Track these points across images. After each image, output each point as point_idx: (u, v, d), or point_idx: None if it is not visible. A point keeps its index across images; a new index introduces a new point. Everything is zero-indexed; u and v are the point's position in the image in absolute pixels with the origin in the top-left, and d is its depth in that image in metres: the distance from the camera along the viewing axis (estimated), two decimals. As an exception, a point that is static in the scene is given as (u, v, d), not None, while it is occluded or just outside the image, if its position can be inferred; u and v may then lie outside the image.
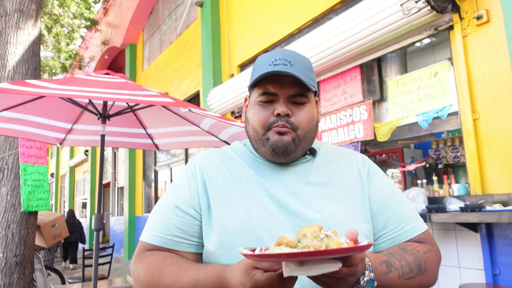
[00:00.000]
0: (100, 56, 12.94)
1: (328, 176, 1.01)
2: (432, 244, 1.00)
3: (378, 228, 0.97)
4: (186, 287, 0.84)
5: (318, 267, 0.66)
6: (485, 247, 3.11)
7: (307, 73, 0.96)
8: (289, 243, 0.67)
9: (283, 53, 0.97)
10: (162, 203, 1.00)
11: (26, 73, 4.73)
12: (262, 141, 0.97)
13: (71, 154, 17.98)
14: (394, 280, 0.85)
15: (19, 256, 4.29)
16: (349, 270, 0.71)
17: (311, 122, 0.98)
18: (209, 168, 1.02)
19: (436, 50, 4.13)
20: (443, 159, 5.66)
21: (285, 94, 0.95)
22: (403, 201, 1.02)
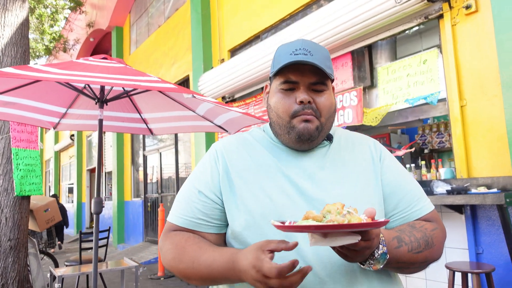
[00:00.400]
0: (85, 38, 12.68)
1: (343, 160, 1.07)
2: (438, 222, 1.07)
3: (390, 208, 1.04)
4: (203, 265, 0.92)
5: (340, 239, 0.75)
6: (469, 228, 3.28)
7: (325, 62, 1.01)
8: (316, 217, 0.76)
9: (303, 43, 1.02)
10: (187, 187, 1.07)
11: (15, 56, 4.67)
12: (287, 128, 1.02)
13: (56, 139, 17.72)
14: (404, 253, 0.93)
15: (13, 240, 4.31)
16: (366, 244, 0.80)
17: (331, 108, 1.04)
18: (230, 154, 1.07)
19: (423, 38, 4.23)
20: (428, 144, 5.83)
21: (305, 82, 1.00)
22: (412, 183, 1.09)
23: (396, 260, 0.92)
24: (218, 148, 1.10)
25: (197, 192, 1.03)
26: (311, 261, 0.91)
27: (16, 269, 4.32)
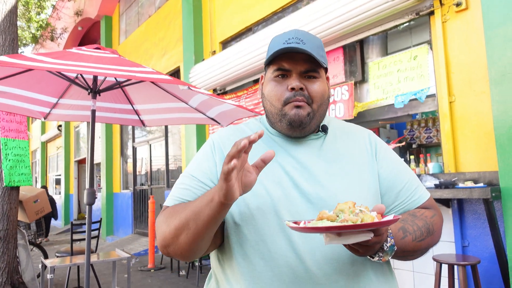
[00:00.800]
0: (73, 27, 12.47)
1: (338, 153, 1.08)
2: (435, 208, 1.12)
3: (390, 200, 1.07)
4: (189, 211, 0.91)
5: (353, 237, 0.79)
6: (456, 221, 3.37)
7: (318, 51, 1.03)
8: (329, 217, 0.79)
9: (296, 32, 1.04)
10: (183, 175, 1.08)
11: (4, 44, 4.59)
12: (279, 116, 1.04)
13: (43, 129, 17.46)
14: (409, 243, 0.97)
15: (2, 231, 4.28)
16: (377, 239, 0.83)
17: (323, 95, 1.06)
18: (227, 145, 1.08)
19: (414, 33, 4.29)
20: (417, 139, 5.92)
21: (297, 69, 1.02)
22: (409, 172, 1.12)
23: (402, 249, 0.95)
24: (215, 139, 1.11)
25: (190, 176, 1.05)
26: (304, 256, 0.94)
27: (6, 260, 4.29)
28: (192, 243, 0.92)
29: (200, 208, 0.88)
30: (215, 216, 0.86)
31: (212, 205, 0.84)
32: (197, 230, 0.89)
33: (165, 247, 0.97)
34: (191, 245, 0.92)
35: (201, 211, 0.87)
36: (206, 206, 0.86)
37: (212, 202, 0.84)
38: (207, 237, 0.93)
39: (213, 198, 0.84)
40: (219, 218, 0.88)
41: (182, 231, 0.91)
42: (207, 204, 0.86)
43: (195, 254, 0.97)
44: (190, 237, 0.91)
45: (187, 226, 0.90)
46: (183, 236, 0.92)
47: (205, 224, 0.88)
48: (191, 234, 0.90)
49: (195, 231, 0.89)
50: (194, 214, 0.89)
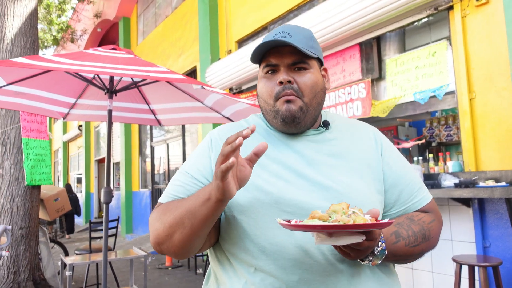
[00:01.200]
0: (93, 29, 12.71)
1: (342, 148, 1.05)
2: (435, 213, 1.08)
3: (392, 200, 1.03)
4: (183, 208, 0.89)
5: (344, 238, 0.77)
6: (476, 221, 3.28)
7: (307, 42, 1.01)
8: (322, 217, 0.77)
9: (284, 27, 1.03)
10: (178, 172, 1.07)
11: (25, 46, 4.71)
12: (273, 112, 1.02)
13: (64, 129, 17.87)
14: (402, 248, 0.94)
15: (24, 228, 4.39)
16: (369, 244, 0.81)
17: (315, 87, 1.02)
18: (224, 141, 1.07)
19: (433, 29, 4.19)
20: (436, 137, 5.80)
21: (285, 63, 1.00)
22: (412, 173, 1.09)
23: (393, 254, 0.93)
24: (213, 136, 1.10)
25: (187, 174, 1.03)
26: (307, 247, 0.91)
27: (28, 257, 4.41)
28: (186, 241, 0.90)
29: (196, 206, 0.86)
30: (212, 214, 0.85)
31: (209, 204, 0.83)
32: (193, 228, 0.88)
33: (158, 245, 0.95)
34: (185, 243, 0.91)
35: (197, 209, 0.86)
36: (203, 205, 0.85)
37: (209, 201, 0.83)
38: (202, 235, 0.91)
39: (210, 197, 0.82)
40: (215, 216, 0.86)
41: (177, 229, 0.90)
42: (204, 203, 0.84)
43: (189, 252, 0.95)
44: (185, 235, 0.89)
45: (182, 224, 0.88)
46: (177, 234, 0.90)
47: (201, 222, 0.86)
48: (186, 232, 0.89)
49: (191, 229, 0.88)
50: (190, 212, 0.87)
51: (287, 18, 5.62)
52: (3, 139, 4.50)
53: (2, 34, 4.61)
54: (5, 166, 4.44)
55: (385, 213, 1.04)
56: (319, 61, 1.07)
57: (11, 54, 4.59)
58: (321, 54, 1.08)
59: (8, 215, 4.33)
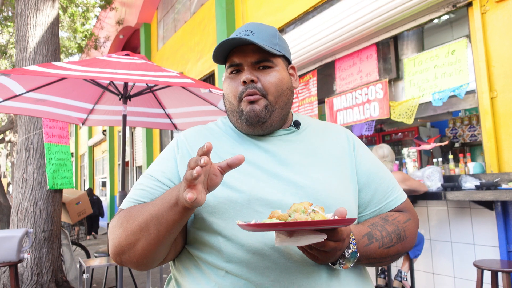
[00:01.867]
0: (115, 36, 13.01)
1: (315, 147, 1.02)
2: (411, 212, 1.06)
3: (366, 200, 1.01)
4: (148, 214, 0.84)
5: (305, 238, 0.73)
6: (500, 225, 3.15)
7: (271, 40, 0.99)
8: (280, 216, 0.74)
9: (247, 25, 1.00)
10: (141, 176, 1.02)
11: (47, 54, 4.85)
12: (237, 113, 0.99)
13: (90, 134, 18.34)
14: (375, 250, 0.91)
15: (47, 231, 4.51)
16: (336, 245, 0.78)
17: (280, 85, 0.99)
18: (192, 143, 1.03)
19: (452, 28, 4.07)
20: (459, 138, 5.63)
21: (248, 62, 0.97)
22: (385, 173, 1.06)
23: (366, 256, 0.90)
24: (180, 139, 1.06)
25: (151, 177, 0.98)
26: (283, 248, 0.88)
27: (50, 259, 4.53)
28: (151, 250, 0.85)
29: (162, 212, 0.82)
30: (180, 219, 0.81)
31: (177, 209, 0.79)
32: (159, 235, 0.83)
33: (118, 255, 0.88)
34: (149, 252, 0.85)
35: (164, 214, 0.81)
36: (170, 210, 0.80)
37: (177, 206, 0.79)
38: (168, 242, 0.86)
39: (177, 202, 0.79)
40: (184, 221, 0.83)
41: (141, 237, 0.84)
42: (171, 208, 0.80)
43: (152, 262, 0.89)
44: (149, 243, 0.84)
45: (147, 230, 0.83)
46: (141, 242, 0.84)
47: (168, 228, 0.82)
48: (151, 240, 0.83)
49: (156, 236, 0.83)
50: (156, 217, 0.82)
51: (303, 20, 5.58)
52: (27, 144, 4.64)
53: (25, 43, 4.76)
54: (28, 170, 4.58)
55: (360, 214, 1.01)
56: (286, 60, 1.05)
57: (34, 62, 4.73)
58: (287, 52, 1.05)
59: (32, 218, 4.46)
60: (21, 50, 4.76)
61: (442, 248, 3.60)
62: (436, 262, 3.65)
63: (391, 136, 6.29)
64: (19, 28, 4.82)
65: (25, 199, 4.52)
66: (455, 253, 3.49)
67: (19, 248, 3.38)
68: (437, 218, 3.63)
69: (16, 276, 3.44)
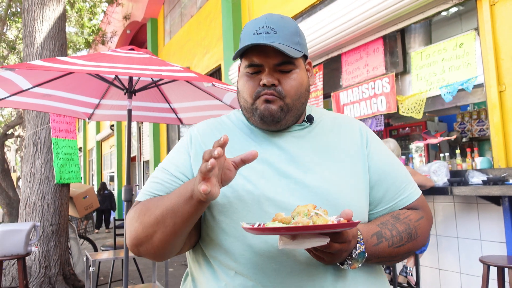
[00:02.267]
0: (122, 31, 13.04)
1: (327, 144, 1.01)
2: (424, 209, 1.03)
3: (377, 197, 0.99)
4: (165, 207, 0.86)
5: (308, 241, 0.74)
6: (507, 220, 3.12)
7: (292, 39, 0.95)
8: (283, 219, 0.75)
9: (267, 19, 0.95)
10: (156, 168, 1.03)
11: (53, 49, 4.88)
12: (252, 110, 0.98)
13: (98, 128, 18.46)
14: (385, 249, 0.90)
15: (54, 225, 4.56)
16: (342, 246, 0.78)
17: (300, 88, 0.98)
18: (205, 138, 1.03)
19: (461, 20, 4.01)
20: (468, 132, 5.56)
21: (270, 64, 0.94)
22: (399, 169, 1.04)
23: (376, 256, 0.89)
24: (193, 133, 1.06)
25: (165, 171, 0.99)
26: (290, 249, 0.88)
27: (58, 253, 4.58)
28: (167, 241, 0.87)
29: (178, 205, 0.83)
30: (195, 212, 0.83)
31: (192, 202, 0.80)
32: (175, 227, 0.85)
33: (136, 246, 0.91)
34: (166, 243, 0.88)
35: (180, 207, 0.83)
36: (186, 203, 0.82)
37: (192, 200, 0.80)
38: (184, 234, 0.88)
39: (192, 196, 0.80)
40: (199, 214, 0.84)
41: (158, 229, 0.86)
42: (186, 201, 0.81)
43: (169, 253, 0.92)
44: (166, 235, 0.86)
45: (164, 223, 0.85)
46: (158, 234, 0.87)
47: (184, 220, 0.84)
48: (168, 232, 0.86)
49: (173, 228, 0.85)
50: (172, 210, 0.84)
51: (309, 14, 5.53)
52: (34, 139, 4.69)
53: (32, 38, 4.79)
54: (36, 165, 4.62)
55: (371, 211, 0.99)
56: (304, 56, 1.02)
57: (41, 57, 4.76)
58: (306, 49, 1.02)
59: (40, 212, 4.51)
60: (28, 46, 4.79)
61: (448, 243, 3.57)
62: (442, 257, 3.62)
63: (399, 130, 6.24)
64: (26, 23, 4.85)
65: (33, 193, 4.57)
66: (461, 248, 3.47)
67: (27, 241, 3.43)
68: (443, 214, 3.60)
69: (24, 269, 3.49)
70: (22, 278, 3.47)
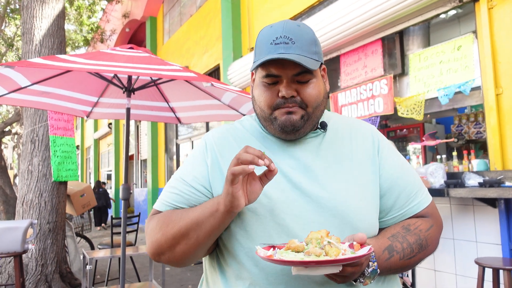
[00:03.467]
0: (121, 29, 13.02)
1: (339, 151, 1.01)
2: (434, 217, 1.04)
3: (389, 205, 0.99)
4: (189, 219, 0.88)
5: (320, 269, 0.77)
6: (503, 223, 3.14)
7: (310, 48, 0.94)
8: (297, 247, 0.78)
9: (284, 28, 0.93)
10: (174, 178, 1.03)
11: (52, 47, 4.87)
12: (270, 120, 0.97)
13: (95, 127, 18.42)
14: (396, 262, 0.91)
15: (51, 223, 4.56)
16: (354, 270, 0.79)
17: (319, 97, 0.98)
18: (220, 146, 1.02)
19: (459, 23, 4.03)
20: (465, 135, 5.59)
21: (288, 75, 0.93)
22: (410, 176, 1.03)
23: (387, 269, 0.90)
24: (208, 140, 1.05)
25: (184, 182, 0.99)
26: None
27: (55, 251, 4.58)
28: (190, 253, 0.90)
29: (203, 218, 0.86)
30: (219, 226, 0.85)
31: (217, 215, 0.84)
32: (198, 240, 0.88)
33: (158, 255, 0.94)
34: (188, 254, 0.91)
35: (204, 221, 0.86)
36: (210, 216, 0.85)
37: (217, 212, 0.83)
38: (206, 247, 0.91)
39: (218, 208, 0.83)
40: (222, 228, 0.87)
41: (181, 241, 0.89)
42: (211, 214, 0.85)
43: (190, 261, 0.95)
44: (189, 247, 0.89)
45: (187, 236, 0.88)
46: (181, 246, 0.90)
47: (207, 234, 0.87)
48: (191, 244, 0.89)
49: (196, 241, 0.88)
50: (196, 224, 0.87)
51: (308, 14, 5.55)
52: (32, 136, 4.68)
53: (31, 36, 4.79)
54: (34, 162, 4.62)
55: (381, 219, 1.00)
56: (320, 64, 1.01)
57: (39, 55, 4.76)
58: (322, 56, 1.01)
59: (37, 210, 4.51)
60: (27, 43, 4.79)
61: (444, 245, 3.59)
62: (438, 259, 3.64)
63: (396, 132, 6.27)
64: (25, 20, 4.85)
65: (30, 190, 4.56)
66: (457, 250, 3.49)
67: (24, 239, 3.42)
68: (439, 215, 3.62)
69: (20, 267, 3.49)
70: (18, 276, 3.46)
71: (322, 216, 0.91)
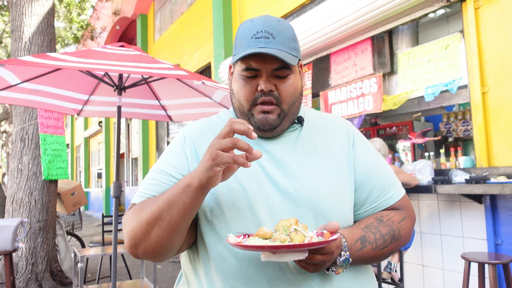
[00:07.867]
0: (112, 26, 12.93)
1: (315, 146, 1.03)
2: (407, 209, 1.06)
3: (362, 199, 1.01)
4: (161, 200, 0.86)
5: (288, 255, 0.78)
6: (488, 218, 3.21)
7: (290, 44, 0.96)
8: (264, 235, 0.80)
9: (265, 23, 0.95)
10: (151, 170, 1.02)
11: (42, 45, 4.84)
12: (248, 115, 0.99)
13: (86, 125, 18.28)
14: (368, 252, 0.93)
15: (42, 221, 4.54)
16: (324, 258, 0.81)
17: (295, 93, 0.99)
18: (199, 138, 1.03)
19: (447, 22, 4.09)
20: (453, 133, 5.68)
21: (268, 69, 0.94)
22: (384, 170, 1.06)
23: (360, 259, 0.92)
24: (186, 133, 1.06)
25: (163, 172, 0.98)
26: None
27: (45, 249, 4.56)
28: (165, 238, 0.86)
29: (174, 196, 0.83)
30: (192, 203, 0.83)
31: (189, 191, 0.81)
32: (172, 221, 0.84)
33: (134, 246, 0.90)
34: (164, 240, 0.86)
35: (176, 199, 0.83)
36: (182, 193, 0.82)
37: (190, 187, 0.81)
38: (182, 230, 0.88)
39: (191, 183, 0.81)
40: (195, 206, 0.84)
41: (155, 224, 0.85)
42: (183, 190, 0.82)
43: (168, 252, 0.91)
44: (163, 231, 0.85)
45: (160, 217, 0.84)
46: (155, 230, 0.85)
47: (181, 213, 0.83)
48: (165, 227, 0.84)
49: (170, 223, 0.84)
50: (168, 203, 0.83)
51: (299, 13, 5.58)
52: (22, 135, 4.65)
53: (20, 33, 4.75)
54: (23, 161, 4.59)
55: (355, 212, 1.02)
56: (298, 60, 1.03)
57: (29, 53, 4.72)
58: (300, 53, 1.03)
59: (27, 208, 4.49)
60: (16, 40, 4.75)
61: (431, 240, 3.66)
62: (425, 254, 3.71)
63: (386, 130, 6.34)
64: (14, 18, 4.80)
65: (20, 189, 4.54)
66: (444, 245, 3.56)
67: (14, 238, 3.41)
68: (427, 211, 3.69)
69: (11, 265, 3.48)
70: (9, 275, 3.45)
71: (297, 209, 0.93)
